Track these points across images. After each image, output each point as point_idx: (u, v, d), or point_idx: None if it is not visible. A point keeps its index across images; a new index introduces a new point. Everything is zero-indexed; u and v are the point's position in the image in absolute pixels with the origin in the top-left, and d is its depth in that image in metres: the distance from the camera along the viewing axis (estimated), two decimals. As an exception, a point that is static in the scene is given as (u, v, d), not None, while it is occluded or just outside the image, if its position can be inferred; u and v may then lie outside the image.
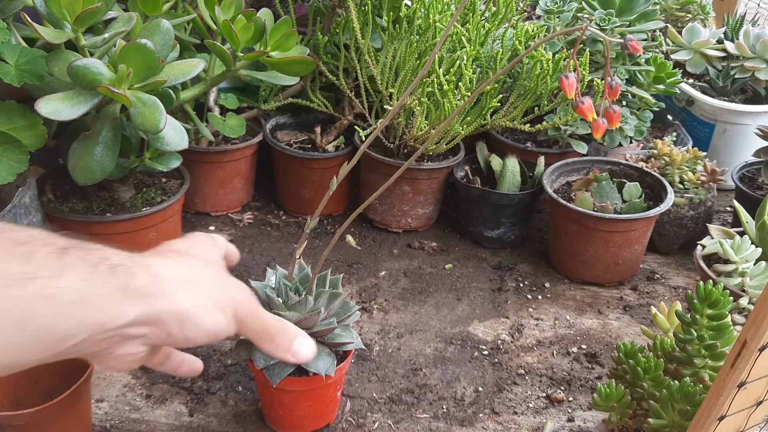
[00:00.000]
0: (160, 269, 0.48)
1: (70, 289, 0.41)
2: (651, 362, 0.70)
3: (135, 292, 0.45)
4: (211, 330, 0.50)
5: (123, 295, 0.44)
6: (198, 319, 0.49)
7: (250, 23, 0.95)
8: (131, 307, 0.45)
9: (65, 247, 0.42)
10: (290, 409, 0.79)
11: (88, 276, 0.42)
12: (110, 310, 0.44)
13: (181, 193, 1.05)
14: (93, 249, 0.44)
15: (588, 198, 1.07)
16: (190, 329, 0.49)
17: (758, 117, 1.32)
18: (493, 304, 1.05)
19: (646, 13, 1.17)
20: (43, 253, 0.41)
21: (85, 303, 0.42)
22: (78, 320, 0.42)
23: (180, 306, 0.48)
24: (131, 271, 0.45)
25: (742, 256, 0.89)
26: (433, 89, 1.04)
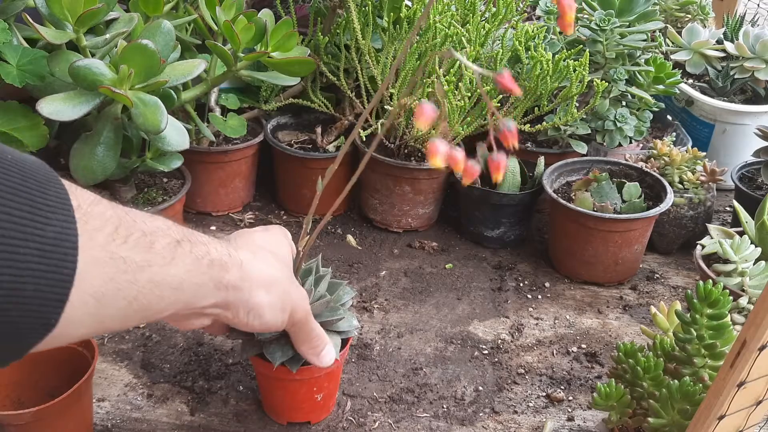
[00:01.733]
0: (249, 267, 0.58)
1: (175, 277, 0.49)
2: (651, 362, 0.70)
3: (223, 285, 0.55)
4: (269, 324, 0.62)
5: (214, 286, 0.54)
6: (263, 313, 0.60)
7: (251, 24, 0.96)
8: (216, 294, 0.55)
9: (179, 240, 0.50)
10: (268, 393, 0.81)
11: (191, 267, 0.51)
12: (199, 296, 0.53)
13: (183, 193, 1.05)
14: (200, 243, 0.53)
15: (588, 198, 1.08)
16: (254, 319, 0.60)
17: (758, 117, 1.32)
18: (493, 303, 1.06)
19: (645, 14, 1.18)
20: (162, 244, 0.48)
21: (182, 289, 0.50)
22: (172, 301, 0.50)
23: (254, 301, 0.59)
24: (226, 267, 0.55)
25: (742, 256, 0.89)
26: (433, 90, 1.04)
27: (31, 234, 0.37)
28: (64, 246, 0.39)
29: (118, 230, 0.44)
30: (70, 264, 0.39)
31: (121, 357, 0.91)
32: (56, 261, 0.39)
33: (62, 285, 0.39)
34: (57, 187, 0.40)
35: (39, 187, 0.39)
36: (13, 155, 0.40)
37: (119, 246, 0.44)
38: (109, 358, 0.91)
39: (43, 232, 0.38)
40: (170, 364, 0.90)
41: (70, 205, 0.40)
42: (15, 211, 0.37)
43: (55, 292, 0.39)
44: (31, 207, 0.38)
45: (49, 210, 0.39)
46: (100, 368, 0.89)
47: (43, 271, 0.38)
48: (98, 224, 0.42)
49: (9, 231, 0.36)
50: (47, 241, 0.38)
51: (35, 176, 0.40)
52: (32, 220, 0.38)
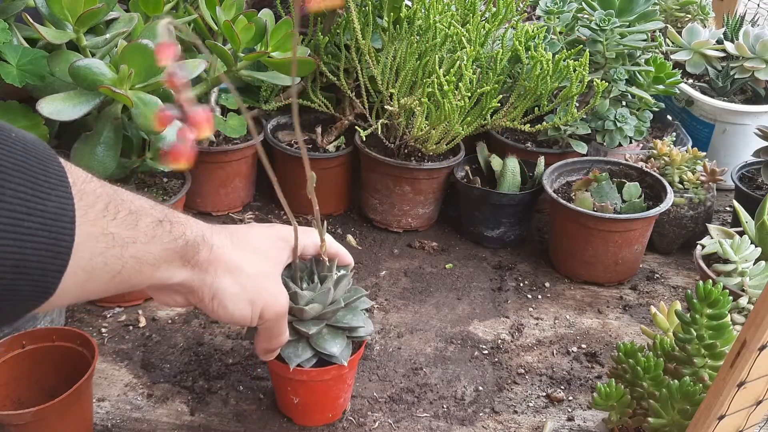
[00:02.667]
0: (220, 252, 0.60)
1: (153, 254, 0.52)
2: (651, 362, 0.70)
3: (189, 264, 0.57)
4: (234, 315, 0.62)
5: (182, 264, 0.56)
6: (226, 302, 0.60)
7: (251, 24, 0.96)
8: (182, 272, 0.57)
9: (161, 219, 0.53)
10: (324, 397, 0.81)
11: (167, 246, 0.53)
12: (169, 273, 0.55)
13: (183, 193, 1.05)
14: (178, 223, 0.55)
15: (588, 198, 1.08)
16: (218, 307, 0.60)
17: (758, 117, 1.32)
18: (493, 303, 1.06)
19: (645, 14, 1.18)
20: (146, 222, 0.51)
21: (158, 266, 0.53)
22: (148, 276, 0.53)
23: (216, 285, 0.60)
24: (197, 247, 0.57)
25: (742, 256, 0.89)
26: (433, 89, 1.04)
27: (34, 208, 0.39)
28: (63, 220, 0.41)
29: (108, 207, 0.46)
30: (68, 237, 0.42)
31: (121, 357, 0.91)
32: (56, 234, 0.41)
33: (61, 256, 0.42)
34: (56, 165, 0.43)
35: (40, 164, 0.41)
36: (17, 133, 0.42)
37: (109, 222, 0.46)
38: (109, 358, 0.91)
39: (45, 207, 0.40)
40: (170, 364, 0.90)
41: (67, 182, 0.43)
42: (20, 186, 0.39)
43: (55, 262, 0.41)
44: (33, 183, 0.40)
45: (49, 186, 0.41)
46: (100, 368, 0.89)
47: (45, 243, 0.40)
48: (91, 201, 0.45)
49: (15, 205, 0.38)
50: (48, 215, 0.40)
51: (36, 154, 0.42)
52: (35, 195, 0.40)
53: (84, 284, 0.46)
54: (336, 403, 0.82)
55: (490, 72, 1.13)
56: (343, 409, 0.84)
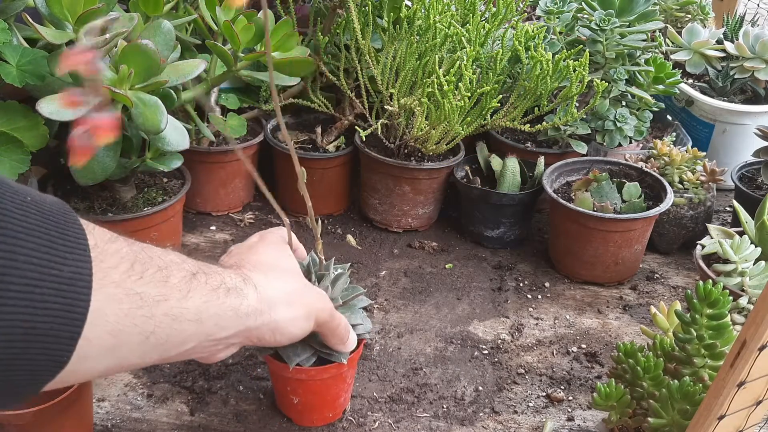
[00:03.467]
0: (265, 288, 0.59)
1: (192, 309, 0.49)
2: (651, 362, 0.70)
3: (243, 312, 0.55)
4: (296, 336, 0.63)
5: (234, 314, 0.54)
6: (288, 329, 0.61)
7: (251, 24, 0.96)
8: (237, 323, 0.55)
9: (194, 273, 0.51)
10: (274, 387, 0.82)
11: (208, 298, 0.51)
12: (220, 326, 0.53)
13: (183, 193, 1.05)
14: (214, 273, 0.54)
15: (588, 198, 1.08)
16: (281, 337, 0.61)
17: (758, 117, 1.32)
18: (493, 303, 1.06)
19: (645, 14, 1.18)
20: (178, 277, 0.49)
21: (201, 321, 0.51)
22: (192, 333, 0.50)
23: (278, 320, 0.60)
24: (242, 293, 0.56)
25: (742, 256, 0.89)
26: (433, 90, 1.04)
27: (48, 274, 0.38)
28: (79, 285, 0.40)
29: (134, 266, 0.45)
30: (83, 302, 0.40)
31: (121, 357, 0.91)
32: (70, 300, 0.39)
33: (74, 323, 0.40)
34: (74, 227, 0.42)
35: (57, 227, 0.40)
36: (33, 196, 0.41)
37: (135, 282, 0.44)
38: (109, 358, 0.91)
39: (60, 272, 0.39)
40: (170, 364, 0.90)
41: (86, 245, 0.41)
42: (33, 252, 0.38)
43: (68, 329, 0.40)
44: (49, 248, 0.39)
45: (66, 250, 0.40)
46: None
47: (58, 310, 0.39)
48: (114, 262, 0.43)
49: (27, 272, 0.38)
50: (63, 280, 0.39)
51: (53, 217, 0.41)
52: (49, 261, 0.39)
53: (115, 350, 0.44)
54: (336, 403, 0.82)
55: (490, 72, 1.13)
56: (343, 408, 0.84)
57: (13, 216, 0.38)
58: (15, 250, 0.37)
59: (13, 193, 0.39)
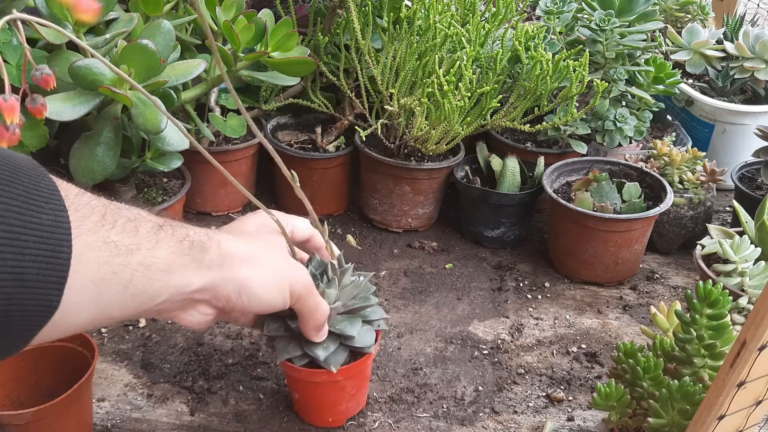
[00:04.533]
0: (229, 245, 0.58)
1: (162, 259, 0.51)
2: (650, 362, 0.70)
3: (205, 265, 0.55)
4: (265, 301, 0.61)
5: (197, 266, 0.55)
6: (254, 290, 0.59)
7: (251, 24, 0.96)
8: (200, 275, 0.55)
9: (161, 225, 0.52)
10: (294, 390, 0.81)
11: (174, 249, 0.52)
12: (186, 278, 0.54)
13: (182, 193, 1.05)
14: (179, 226, 0.55)
15: (588, 198, 1.08)
16: (247, 298, 0.59)
17: (758, 117, 1.32)
18: (493, 303, 1.06)
19: (645, 14, 1.18)
20: (146, 228, 0.50)
21: (170, 271, 0.52)
22: (163, 284, 0.51)
23: (240, 277, 0.58)
24: (205, 246, 0.56)
25: (742, 256, 0.89)
26: (433, 90, 1.04)
27: (29, 222, 0.40)
28: (59, 232, 0.41)
29: (105, 217, 0.46)
30: (66, 248, 0.42)
31: (121, 357, 0.91)
32: (53, 245, 0.41)
33: (61, 268, 0.41)
34: (46, 180, 0.43)
35: (30, 180, 0.41)
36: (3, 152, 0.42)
37: (108, 231, 0.46)
38: (109, 358, 0.91)
39: (40, 220, 0.40)
40: (170, 364, 0.90)
41: (60, 195, 0.43)
42: (12, 201, 0.39)
43: (55, 274, 0.41)
44: (26, 197, 0.40)
45: (42, 200, 0.41)
46: (100, 368, 0.89)
47: (43, 256, 0.40)
48: (86, 212, 0.45)
49: (9, 219, 0.39)
50: (44, 228, 0.40)
51: (25, 171, 0.42)
52: (28, 209, 0.40)
53: (97, 298, 0.45)
54: (335, 410, 0.81)
55: (490, 72, 1.13)
56: (345, 417, 0.82)
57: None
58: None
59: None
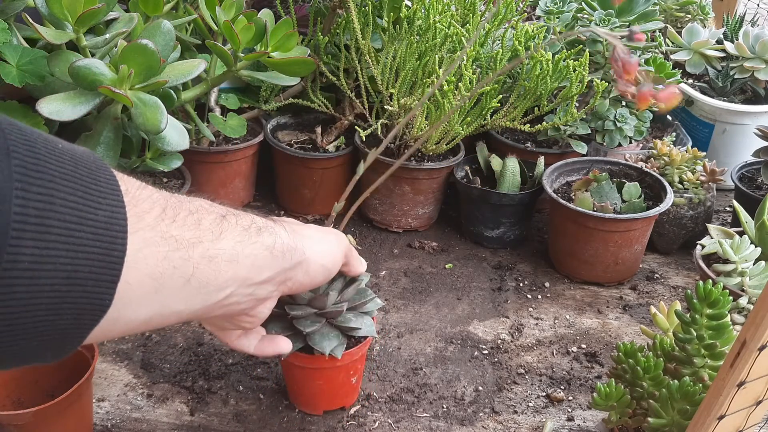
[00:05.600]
0: (296, 230, 0.60)
1: (226, 250, 0.50)
2: (650, 362, 0.70)
3: (278, 249, 0.55)
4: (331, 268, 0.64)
5: (268, 254, 0.54)
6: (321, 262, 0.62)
7: (251, 24, 0.96)
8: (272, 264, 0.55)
9: (224, 215, 0.52)
10: (303, 385, 0.82)
11: (241, 238, 0.52)
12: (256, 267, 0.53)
13: (183, 193, 1.05)
14: (243, 215, 0.54)
15: (588, 198, 1.08)
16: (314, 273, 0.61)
17: (758, 117, 1.32)
18: (493, 303, 1.06)
19: (645, 14, 1.18)
20: (209, 220, 0.49)
21: (237, 261, 0.51)
22: (230, 275, 0.50)
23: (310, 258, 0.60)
24: (274, 230, 0.56)
25: (742, 256, 0.89)
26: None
27: (84, 218, 0.39)
28: (114, 229, 0.40)
29: (165, 211, 0.45)
30: (120, 245, 0.41)
31: (121, 357, 0.91)
32: (107, 243, 0.40)
33: (113, 266, 0.40)
34: (106, 173, 0.42)
35: (89, 174, 0.40)
36: (64, 144, 0.41)
37: (168, 225, 0.45)
38: (109, 358, 0.91)
39: (96, 216, 0.39)
40: (170, 364, 0.90)
41: (119, 190, 0.42)
42: (70, 196, 0.38)
43: (108, 272, 0.40)
44: (84, 192, 0.39)
45: (100, 195, 0.40)
46: (100, 368, 0.89)
47: (96, 254, 0.39)
48: (146, 207, 0.44)
49: (66, 215, 0.38)
50: (99, 224, 0.39)
51: (86, 164, 0.41)
52: (85, 205, 0.39)
53: (157, 293, 0.44)
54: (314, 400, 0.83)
55: (490, 72, 1.13)
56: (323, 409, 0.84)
57: (48, 161, 0.38)
58: (53, 194, 0.37)
59: (45, 140, 0.39)
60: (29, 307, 0.37)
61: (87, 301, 0.40)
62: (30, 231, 0.36)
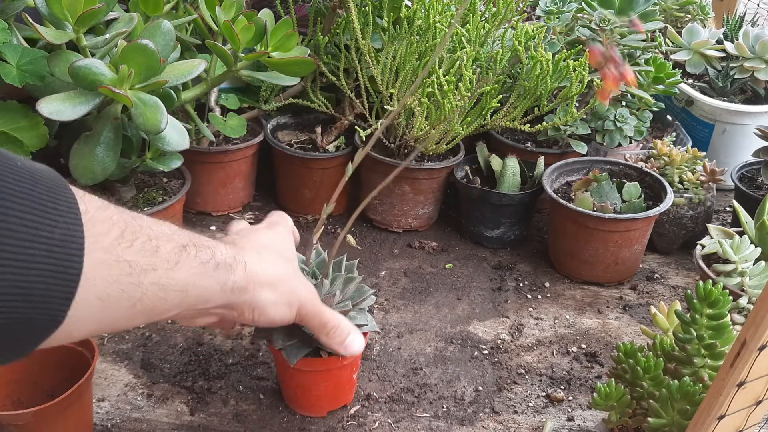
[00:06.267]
0: (254, 268, 0.60)
1: (180, 280, 0.51)
2: (650, 362, 0.70)
3: (228, 288, 0.57)
4: (274, 319, 0.64)
5: (220, 288, 0.56)
6: (267, 311, 0.62)
7: (251, 24, 0.96)
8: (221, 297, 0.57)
9: (185, 245, 0.52)
10: (309, 389, 0.81)
11: (196, 271, 0.53)
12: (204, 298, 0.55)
13: (183, 193, 1.05)
14: (205, 246, 0.55)
15: (588, 198, 1.08)
16: (259, 316, 0.62)
17: (758, 117, 1.32)
18: (493, 303, 1.06)
19: (645, 14, 1.18)
20: (167, 248, 0.50)
21: (187, 292, 0.52)
22: (176, 303, 0.52)
23: (258, 300, 0.61)
24: (231, 269, 0.57)
25: (742, 256, 0.89)
26: (433, 89, 1.04)
27: (39, 236, 0.39)
28: (71, 247, 0.41)
29: (124, 234, 0.46)
30: (76, 264, 0.41)
31: (121, 357, 0.91)
32: (63, 261, 0.40)
33: (68, 284, 0.41)
34: (65, 192, 0.42)
35: (48, 192, 0.41)
36: (23, 162, 0.42)
37: (125, 249, 0.45)
38: (109, 358, 0.91)
39: (51, 234, 0.40)
40: (170, 364, 0.90)
41: (77, 210, 0.42)
42: (25, 214, 0.39)
43: (62, 290, 0.41)
44: (41, 211, 0.40)
45: (58, 213, 0.41)
46: (100, 368, 0.89)
47: (51, 271, 0.40)
48: (104, 228, 0.44)
49: (19, 233, 0.38)
50: (55, 242, 0.40)
51: (44, 182, 0.41)
52: (41, 223, 0.39)
53: (102, 313, 0.45)
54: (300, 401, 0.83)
55: (490, 72, 1.13)
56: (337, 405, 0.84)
57: (5, 179, 0.39)
58: (8, 212, 0.38)
59: (4, 157, 0.40)
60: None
61: (41, 316, 0.40)
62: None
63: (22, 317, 0.39)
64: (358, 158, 0.75)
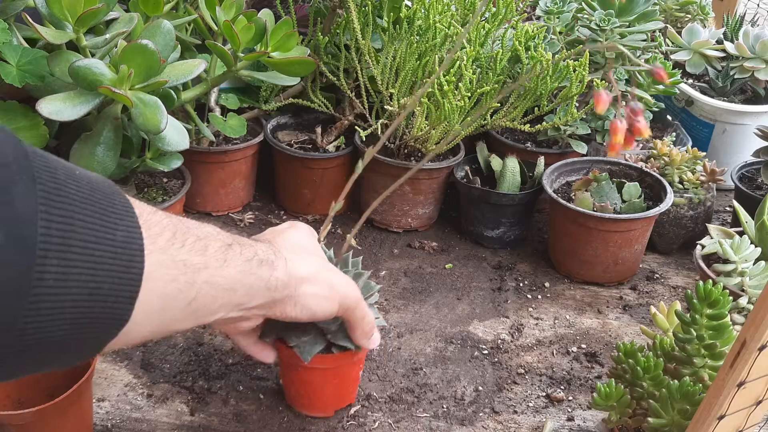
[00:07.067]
0: (293, 264, 0.62)
1: (227, 278, 0.53)
2: (650, 362, 0.70)
3: (273, 284, 0.59)
4: (317, 313, 0.66)
5: (264, 285, 0.58)
6: (310, 304, 0.64)
7: (251, 24, 0.96)
8: (265, 294, 0.58)
9: (230, 243, 0.54)
10: (319, 388, 0.82)
11: (242, 268, 0.54)
12: (250, 296, 0.57)
13: (183, 193, 1.05)
14: (248, 245, 0.57)
15: (588, 198, 1.08)
16: (301, 310, 0.64)
17: (758, 117, 1.32)
18: (493, 303, 1.06)
19: (645, 14, 1.18)
20: (215, 247, 0.52)
21: (235, 290, 0.54)
22: (225, 302, 0.54)
23: (300, 294, 0.63)
24: (274, 265, 0.59)
25: (742, 256, 0.89)
26: (433, 90, 1.04)
27: (103, 238, 0.41)
28: (132, 248, 0.43)
29: (175, 235, 0.48)
30: (138, 264, 0.43)
31: (121, 357, 0.91)
32: (126, 261, 0.42)
33: (133, 283, 0.43)
34: (121, 198, 0.45)
35: (105, 197, 0.43)
36: (81, 171, 0.44)
37: (178, 250, 0.48)
38: (109, 358, 0.91)
39: (114, 236, 0.42)
40: (170, 364, 0.90)
41: (134, 213, 0.44)
42: (89, 218, 0.41)
43: (127, 289, 0.43)
44: (101, 214, 0.42)
45: (117, 217, 0.43)
46: (100, 368, 0.89)
47: (116, 271, 0.42)
48: (158, 230, 0.46)
49: (85, 235, 0.40)
50: (117, 244, 0.42)
51: (101, 188, 0.44)
52: (103, 226, 0.41)
53: (161, 313, 0.47)
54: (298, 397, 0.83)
55: (490, 72, 1.13)
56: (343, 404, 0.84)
57: (68, 186, 0.41)
58: (73, 216, 0.40)
59: (64, 166, 0.42)
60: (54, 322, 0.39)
61: (107, 315, 0.42)
62: (53, 251, 0.38)
63: (90, 317, 0.41)
64: (368, 157, 0.76)
